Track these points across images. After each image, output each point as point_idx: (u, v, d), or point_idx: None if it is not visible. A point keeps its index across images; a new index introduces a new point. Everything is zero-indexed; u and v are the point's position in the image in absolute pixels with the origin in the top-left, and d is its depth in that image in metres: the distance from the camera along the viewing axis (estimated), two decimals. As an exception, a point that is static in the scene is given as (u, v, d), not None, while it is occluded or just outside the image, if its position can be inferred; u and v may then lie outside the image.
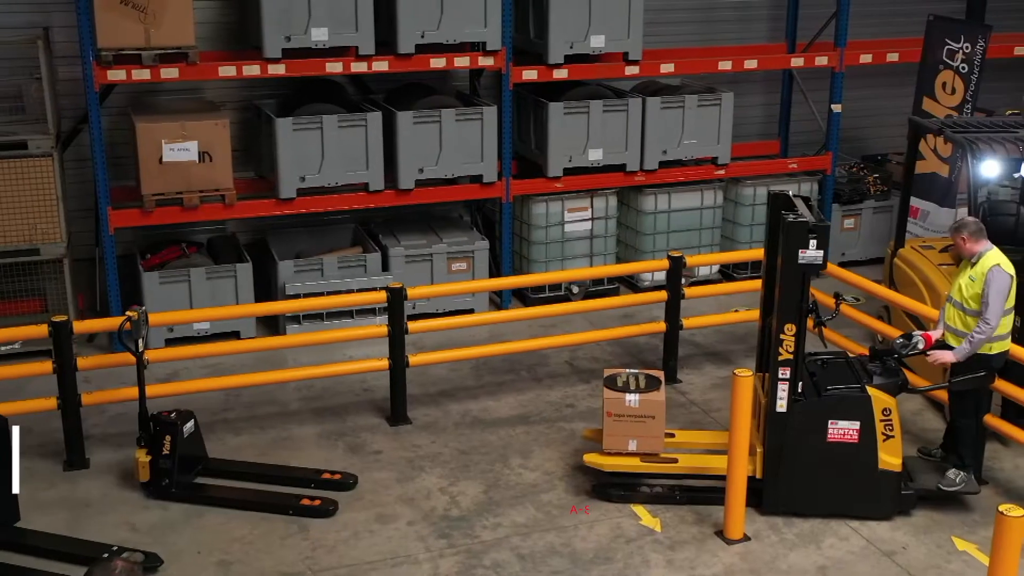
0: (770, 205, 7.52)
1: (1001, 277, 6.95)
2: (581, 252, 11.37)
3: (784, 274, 6.99)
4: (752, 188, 11.86)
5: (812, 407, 7.16)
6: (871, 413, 7.10)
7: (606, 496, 7.66)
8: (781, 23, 12.97)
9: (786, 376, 7.08)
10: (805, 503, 7.33)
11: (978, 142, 8.60)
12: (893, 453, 7.14)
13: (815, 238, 6.81)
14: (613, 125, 11.02)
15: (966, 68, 10.66)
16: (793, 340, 7.00)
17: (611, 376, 7.70)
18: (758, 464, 7.32)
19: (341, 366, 8.85)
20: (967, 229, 7.12)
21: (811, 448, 7.17)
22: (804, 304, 7.02)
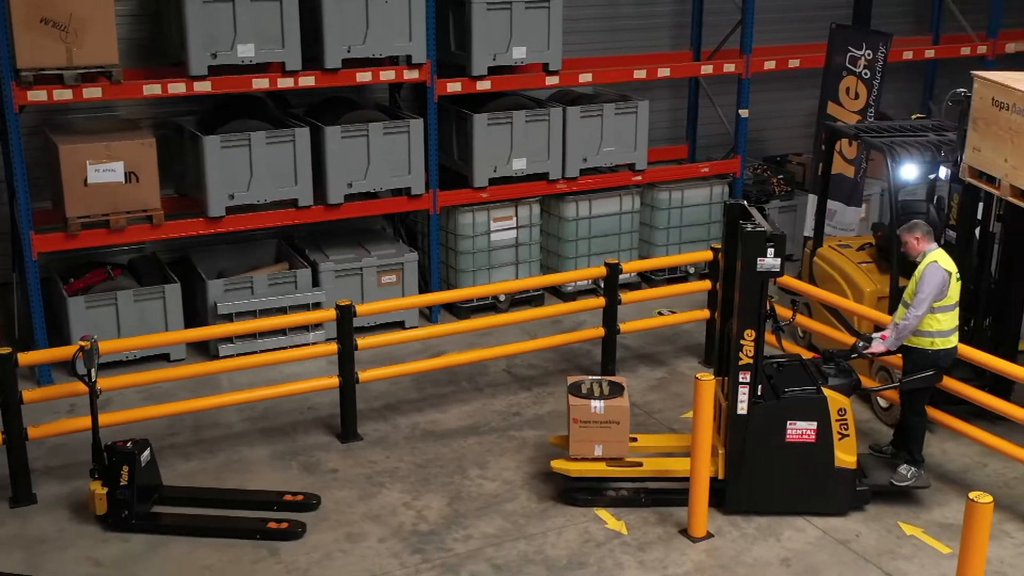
0: (727, 215, 7.79)
1: (935, 272, 7.33)
2: (507, 260, 11.53)
3: (743, 281, 7.26)
4: (667, 192, 12.22)
5: (771, 409, 7.43)
6: (827, 413, 7.39)
7: (573, 501, 7.84)
8: (682, 31, 13.38)
9: (746, 380, 7.35)
10: (766, 501, 7.61)
11: (896, 146, 9.08)
12: (848, 451, 7.45)
13: (773, 246, 7.08)
14: (535, 135, 11.21)
15: (868, 74, 11.21)
16: (753, 345, 7.27)
17: (575, 383, 7.88)
18: (720, 465, 7.59)
19: (291, 386, 8.78)
20: (920, 229, 7.52)
21: (771, 448, 7.44)
22: (763, 310, 7.30)
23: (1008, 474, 8.29)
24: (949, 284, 7.41)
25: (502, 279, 11.49)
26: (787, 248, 12.80)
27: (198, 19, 9.56)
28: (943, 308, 7.43)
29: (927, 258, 7.47)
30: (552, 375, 10.07)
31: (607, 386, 7.79)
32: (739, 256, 7.28)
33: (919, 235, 7.52)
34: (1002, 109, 7.57)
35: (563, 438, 8.06)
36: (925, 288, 7.33)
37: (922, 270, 7.42)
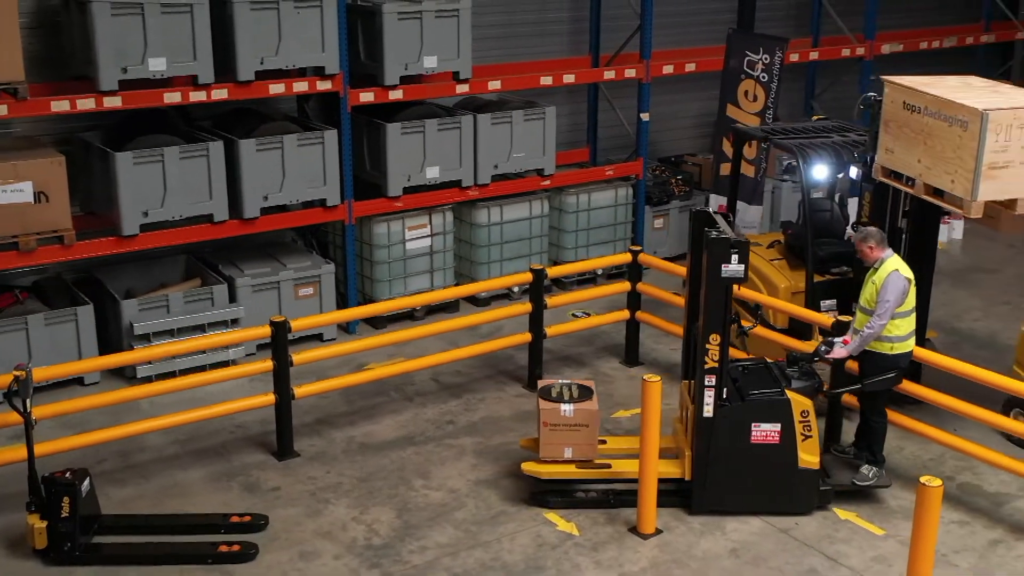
0: (692, 222, 7.98)
1: (897, 280, 7.58)
2: (422, 268, 11.56)
3: (709, 287, 7.47)
4: (575, 196, 12.44)
5: (736, 411, 7.64)
6: (791, 415, 7.62)
7: (544, 503, 7.96)
8: (578, 36, 13.62)
9: (712, 383, 7.55)
10: (731, 502, 7.81)
11: (807, 148, 9.48)
12: (811, 452, 7.70)
13: (736, 253, 7.31)
14: (447, 143, 11.27)
15: (766, 77, 11.65)
16: (718, 349, 7.48)
17: (545, 387, 8.01)
18: (686, 466, 7.80)
19: (226, 405, 8.62)
20: (873, 239, 7.77)
21: (736, 450, 7.65)
22: (727, 315, 7.52)
23: (924, 456, 8.75)
24: (909, 291, 7.65)
25: (418, 288, 11.53)
26: (685, 244, 13.37)
27: (107, 32, 9.31)
28: (901, 314, 7.65)
29: (886, 266, 7.66)
30: (479, 381, 10.16)
31: (576, 390, 7.95)
32: (704, 262, 7.46)
33: (872, 244, 7.74)
34: (914, 112, 8.00)
35: (533, 441, 8.19)
36: (888, 297, 7.52)
37: (883, 279, 7.59)
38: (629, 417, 9.46)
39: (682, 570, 7.30)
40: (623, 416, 9.49)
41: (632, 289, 10.28)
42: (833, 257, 9.89)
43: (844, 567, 7.32)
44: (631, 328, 10.49)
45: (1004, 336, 11.10)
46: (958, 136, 7.52)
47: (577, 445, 7.80)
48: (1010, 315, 11.69)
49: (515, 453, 8.81)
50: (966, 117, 7.43)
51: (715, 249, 7.35)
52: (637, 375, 10.25)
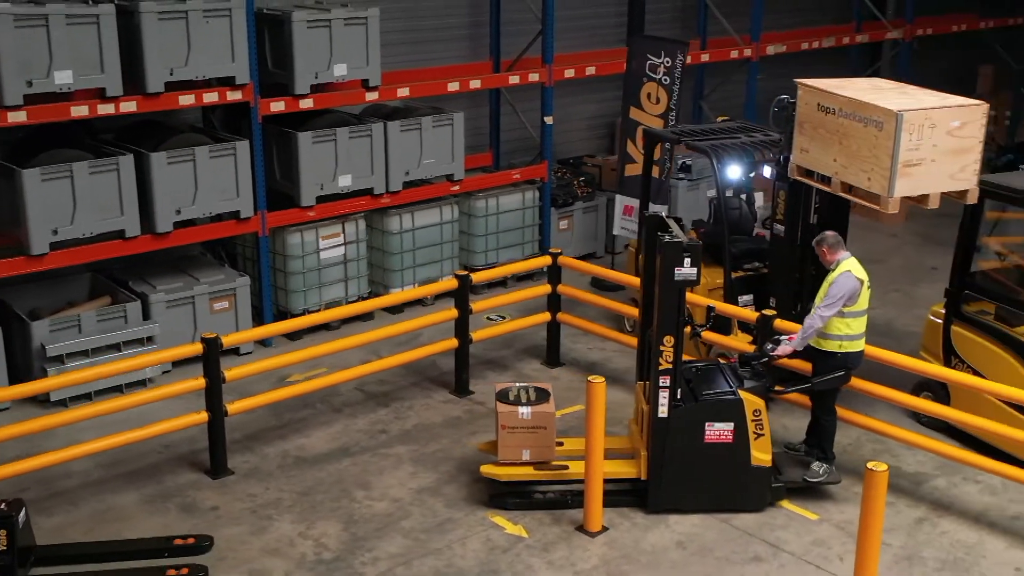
0: (645, 226, 8.10)
1: (846, 280, 7.80)
2: (337, 278, 11.49)
3: (662, 290, 7.62)
4: (484, 200, 12.54)
5: (690, 411, 7.80)
6: (743, 414, 7.80)
7: (503, 505, 8.05)
8: (478, 41, 13.73)
9: (666, 384, 7.69)
10: (686, 500, 7.97)
11: (719, 149, 9.79)
12: (764, 450, 7.90)
13: (689, 256, 7.46)
14: (359, 151, 11.23)
15: (668, 80, 11.94)
16: (672, 351, 7.63)
17: (502, 390, 8.09)
18: (642, 466, 7.94)
19: (158, 426, 8.39)
20: (826, 242, 8.01)
21: (690, 449, 7.80)
22: (681, 317, 7.68)
23: (843, 441, 9.11)
24: (860, 292, 7.86)
25: (332, 297, 11.47)
26: (591, 247, 13.66)
27: (10, 45, 8.97)
28: (853, 314, 7.88)
29: (841, 266, 7.90)
30: (405, 389, 10.17)
31: (533, 392, 8.04)
32: (657, 266, 7.62)
33: (825, 248, 7.99)
34: (828, 113, 8.34)
35: (490, 444, 8.27)
36: (835, 292, 7.75)
37: (835, 277, 7.85)
38: (561, 417, 9.58)
39: (632, 565, 7.47)
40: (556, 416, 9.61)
41: (553, 291, 10.43)
42: (746, 254, 10.23)
43: (785, 552, 7.61)
44: (552, 329, 10.64)
45: (899, 323, 11.65)
46: (873, 136, 7.88)
47: (535, 447, 7.90)
48: (902, 302, 12.27)
49: (453, 460, 8.88)
50: (881, 118, 7.79)
51: (669, 253, 7.49)
52: (560, 376, 10.46)
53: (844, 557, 7.54)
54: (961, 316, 9.04)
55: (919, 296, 12.42)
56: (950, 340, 9.11)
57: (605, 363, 10.77)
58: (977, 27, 18.42)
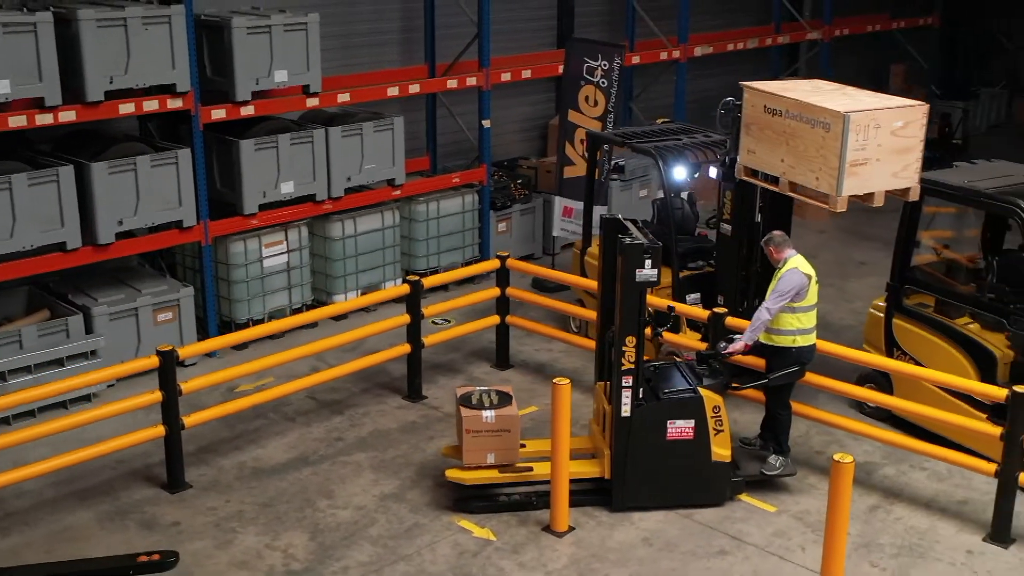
0: (603, 228, 8.20)
1: (792, 275, 8.00)
2: (280, 286, 11.40)
3: (623, 291, 7.71)
4: (425, 205, 12.54)
5: (653, 410, 7.92)
6: (703, 412, 7.94)
7: (469, 508, 8.08)
8: (412, 46, 13.74)
9: (629, 384, 7.79)
10: (650, 497, 8.08)
11: (665, 151, 9.96)
12: (723, 445, 8.05)
13: (650, 257, 7.58)
14: (301, 157, 11.16)
15: (606, 83, 12.10)
16: (634, 351, 7.74)
17: (465, 395, 8.11)
18: (606, 466, 8.04)
19: (114, 442, 8.24)
20: (773, 241, 8.20)
21: (653, 447, 7.92)
22: (642, 318, 7.80)
23: (793, 433, 9.23)
24: (808, 287, 8.05)
25: (276, 305, 11.38)
26: (529, 248, 13.76)
27: (-55, 55, 8.75)
28: (803, 308, 8.07)
29: (787, 264, 8.11)
30: (356, 396, 10.14)
31: (495, 396, 8.07)
32: (618, 267, 7.71)
33: (773, 247, 8.19)
34: (775, 115, 8.56)
35: (454, 448, 8.30)
36: (782, 287, 7.95)
37: (782, 273, 8.06)
38: (515, 419, 9.67)
39: (602, 563, 7.58)
40: (513, 419, 9.69)
41: (502, 294, 10.50)
42: (691, 253, 10.43)
43: (749, 544, 7.79)
44: (501, 332, 10.70)
45: (834, 316, 11.95)
46: (821, 137, 8.11)
47: (499, 450, 7.96)
48: (836, 296, 12.60)
49: (413, 465, 8.89)
50: (828, 119, 8.03)
51: (630, 255, 7.60)
52: (511, 378, 10.53)
53: (805, 547, 7.75)
54: (902, 309, 9.34)
55: (850, 290, 12.78)
56: (892, 333, 9.40)
57: (554, 364, 10.87)
58: (890, 27, 19.00)
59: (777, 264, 8.22)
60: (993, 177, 8.97)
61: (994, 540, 7.81)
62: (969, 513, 8.23)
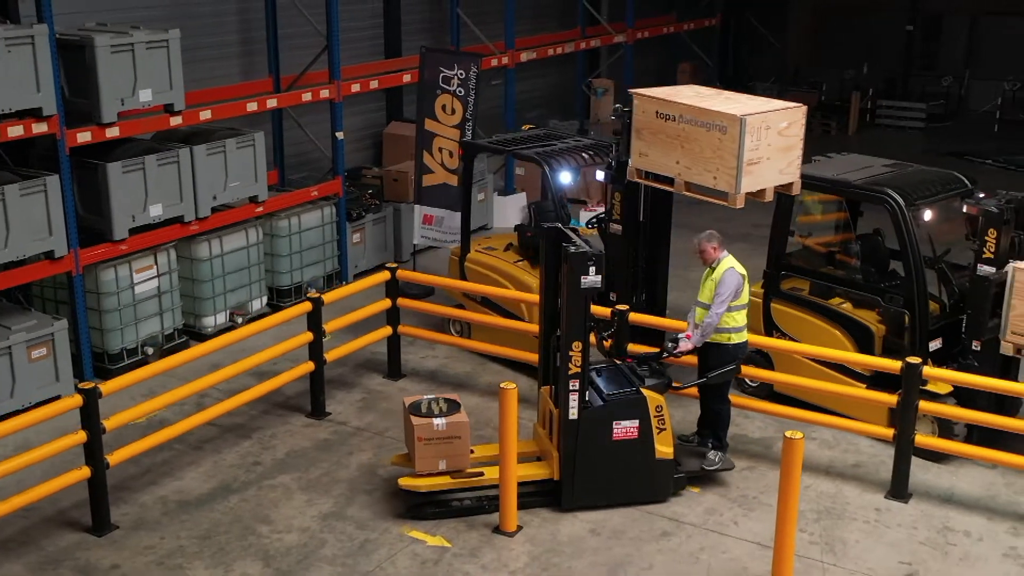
0: (545, 238, 8.37)
1: (732, 277, 8.40)
2: (152, 312, 11.01)
3: (569, 298, 7.94)
4: (287, 220, 12.40)
5: (599, 412, 8.18)
6: (647, 411, 8.23)
7: (422, 515, 8.19)
8: (251, 59, 13.52)
9: (576, 387, 8.03)
10: (598, 496, 8.34)
11: (550, 157, 10.35)
12: (666, 443, 8.37)
13: (593, 265, 7.82)
14: (167, 178, 10.82)
15: (463, 91, 12.35)
16: (580, 355, 7.98)
17: (414, 403, 8.18)
18: (555, 467, 8.27)
19: (36, 490, 7.78)
20: (716, 239, 8.54)
21: (600, 447, 8.18)
22: (588, 323, 8.05)
23: (689, 418, 9.96)
24: (743, 286, 8.50)
25: (148, 332, 10.99)
26: (382, 257, 13.84)
27: None
28: (738, 307, 8.49)
29: (723, 264, 8.48)
30: (258, 418, 9.97)
31: (444, 404, 8.16)
32: (563, 275, 7.95)
33: (715, 244, 8.54)
34: (668, 120, 9.08)
35: (403, 457, 8.39)
36: (724, 290, 8.33)
37: (720, 274, 8.41)
38: (427, 427, 9.80)
39: (560, 556, 7.88)
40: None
41: (393, 305, 10.58)
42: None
43: (687, 524, 8.29)
44: (393, 342, 10.78)
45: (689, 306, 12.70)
46: (718, 139, 8.70)
47: (450, 456, 8.10)
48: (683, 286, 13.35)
49: (341, 482, 8.88)
50: (724, 123, 8.62)
51: (575, 262, 7.83)
52: (407, 387, 10.66)
53: (737, 521, 8.33)
54: (779, 293, 10.13)
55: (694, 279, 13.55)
56: (770, 315, 10.18)
57: (445, 370, 11.06)
58: (682, 29, 20.19)
59: (711, 263, 8.57)
60: (856, 169, 9.88)
61: (895, 497, 8.66)
62: (864, 475, 9.06)
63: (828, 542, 8.10)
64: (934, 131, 22.46)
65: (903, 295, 9.25)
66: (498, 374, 10.93)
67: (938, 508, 8.54)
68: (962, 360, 9.09)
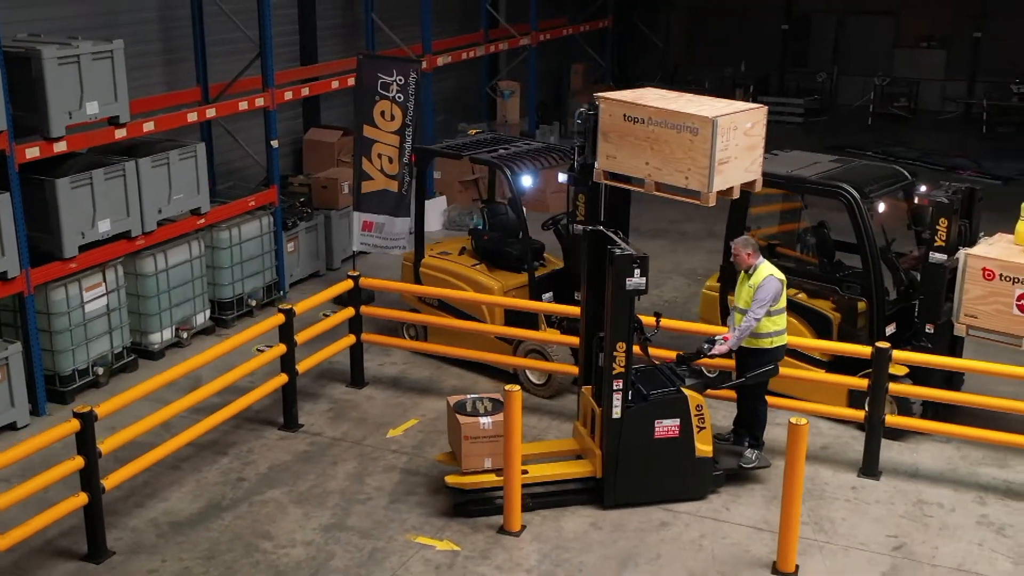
0: (588, 240, 8.54)
1: (772, 283, 8.56)
2: (102, 331, 10.70)
3: (614, 300, 8.06)
4: (228, 231, 12.19)
5: (641, 411, 8.33)
6: (688, 410, 8.38)
7: (467, 513, 8.31)
8: (177, 67, 13.24)
9: (619, 387, 8.17)
10: (638, 493, 8.48)
11: (510, 161, 10.50)
12: (706, 442, 8.52)
13: (638, 267, 7.97)
14: (115, 192, 10.53)
15: (402, 97, 12.36)
16: (624, 356, 8.12)
17: (459, 403, 8.31)
18: (597, 465, 8.40)
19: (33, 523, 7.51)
20: (751, 246, 8.70)
21: (642, 446, 8.34)
22: (631, 324, 8.19)
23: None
24: (782, 291, 8.66)
25: (98, 352, 10.68)
26: (315, 266, 13.74)
27: None
28: (778, 311, 8.67)
29: (760, 271, 8.64)
30: (231, 434, 9.81)
31: (488, 403, 8.30)
32: (608, 277, 8.07)
33: (750, 251, 8.70)
34: (636, 123, 9.32)
35: (448, 455, 8.52)
36: (764, 297, 8.49)
37: (759, 281, 8.57)
38: (403, 433, 9.84)
39: (569, 552, 8.06)
40: (396, 434, 9.84)
41: (356, 314, 10.56)
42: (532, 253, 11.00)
43: (682, 513, 8.55)
44: (356, 351, 10.75)
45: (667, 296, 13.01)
46: (689, 140, 8.98)
47: (495, 455, 8.20)
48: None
49: (333, 493, 8.85)
50: (696, 124, 8.90)
51: (620, 265, 7.98)
52: (374, 395, 10.67)
53: (728, 507, 8.66)
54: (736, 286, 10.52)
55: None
56: (728, 307, 10.55)
57: (406, 376, 11.09)
58: (579, 31, 20.58)
59: (747, 269, 8.72)
60: (806, 165, 10.36)
61: (867, 475, 9.14)
62: (833, 456, 9.52)
63: (817, 521, 8.51)
64: (812, 125, 23.49)
65: (860, 284, 9.76)
66: (459, 377, 11.05)
67: (908, 483, 9.06)
68: (916, 343, 9.64)
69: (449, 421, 8.59)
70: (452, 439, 8.55)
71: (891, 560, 8.01)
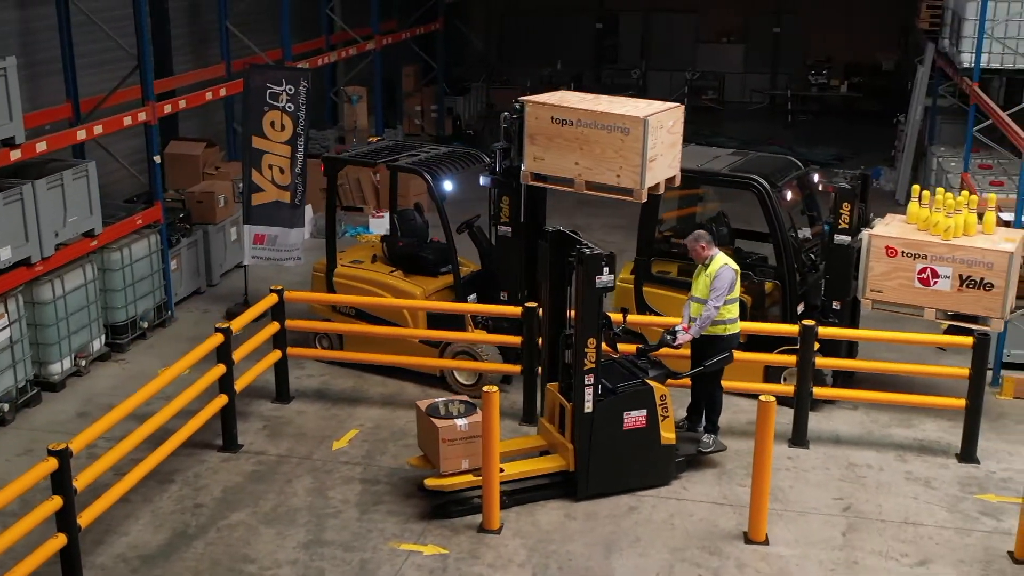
0: (551, 241, 8.72)
1: (727, 272, 8.88)
2: (6, 364, 10.11)
3: (584, 297, 8.25)
4: (119, 252, 11.70)
5: (611, 403, 8.55)
6: (654, 401, 8.70)
7: (448, 514, 8.37)
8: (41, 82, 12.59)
9: (590, 382, 8.37)
10: (609, 484, 8.71)
11: (431, 166, 10.60)
12: (669, 430, 8.84)
13: (606, 265, 8.19)
14: (13, 218, 9.98)
15: (292, 107, 12.20)
16: (594, 352, 8.32)
17: (431, 407, 8.35)
18: (570, 459, 8.57)
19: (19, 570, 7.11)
20: (704, 239, 8.99)
21: (612, 437, 8.57)
22: (600, 321, 8.37)
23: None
24: (736, 281, 8.99)
25: (3, 387, 10.11)
26: (197, 283, 13.38)
27: None
28: (732, 300, 8.98)
29: (716, 261, 8.97)
30: (172, 460, 9.38)
31: (460, 405, 8.35)
32: (577, 276, 8.29)
33: (704, 244, 9.01)
34: (564, 125, 9.61)
35: (421, 459, 8.52)
36: (721, 286, 8.81)
37: (715, 271, 8.89)
38: (348, 444, 9.80)
39: (554, 544, 8.28)
40: (342, 446, 9.78)
41: (281, 329, 10.41)
42: (441, 259, 11.13)
43: (645, 496, 8.88)
44: (281, 367, 10.59)
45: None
46: (619, 140, 9.36)
47: (472, 455, 8.28)
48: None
49: (301, 510, 8.76)
50: (627, 125, 9.29)
51: (590, 264, 8.21)
52: (304, 409, 10.61)
53: (685, 487, 9.11)
54: (650, 277, 11.02)
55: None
56: (643, 297, 11.05)
57: (329, 387, 11.01)
58: (415, 33, 20.69)
59: (702, 261, 9.09)
60: (711, 159, 10.96)
61: (797, 445, 9.80)
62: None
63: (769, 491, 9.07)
64: (632, 120, 24.40)
65: (773, 268, 10.43)
66: (383, 384, 11.08)
67: (835, 449, 9.79)
68: (824, 319, 10.40)
69: (421, 425, 8.65)
70: (425, 443, 8.62)
71: (846, 520, 8.67)
